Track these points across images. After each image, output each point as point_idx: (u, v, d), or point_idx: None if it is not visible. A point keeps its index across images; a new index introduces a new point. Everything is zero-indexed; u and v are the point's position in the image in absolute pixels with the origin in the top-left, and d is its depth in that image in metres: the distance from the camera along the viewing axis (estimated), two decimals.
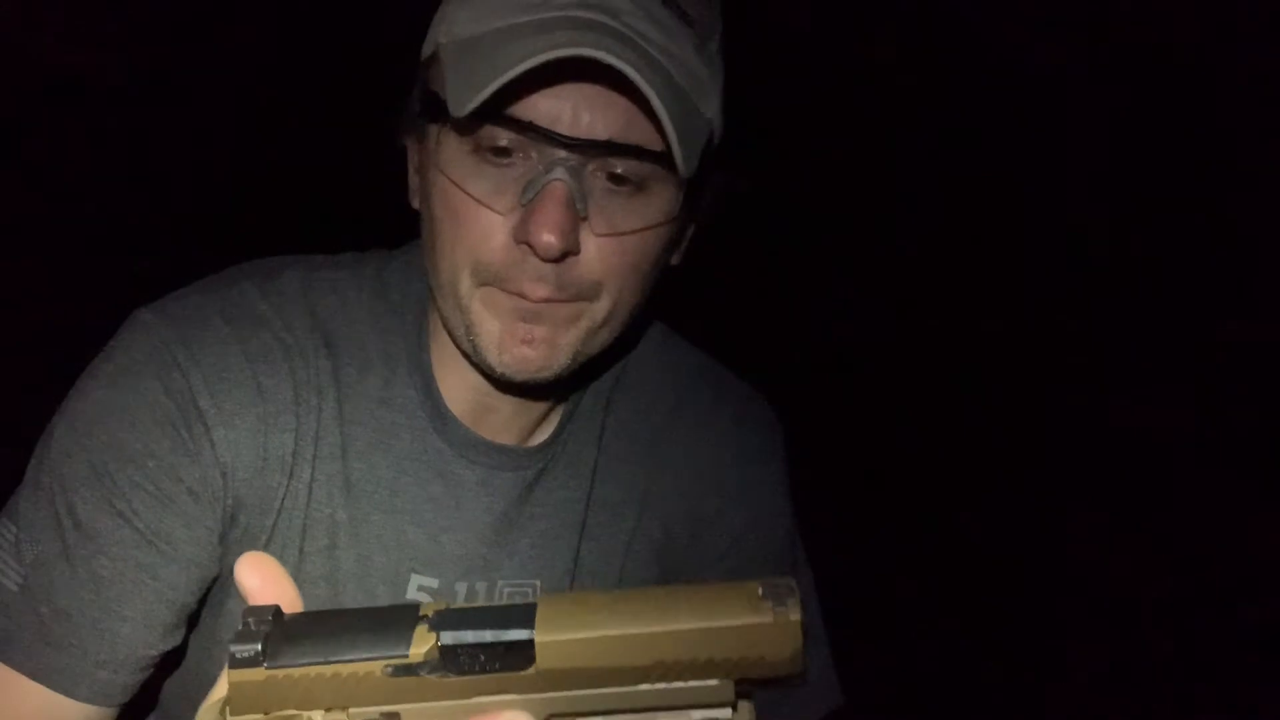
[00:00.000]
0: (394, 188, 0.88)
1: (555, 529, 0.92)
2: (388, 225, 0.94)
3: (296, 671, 0.47)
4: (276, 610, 0.49)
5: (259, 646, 0.47)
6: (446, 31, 0.79)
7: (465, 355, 0.84)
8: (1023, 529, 2.82)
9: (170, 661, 0.88)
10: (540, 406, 0.90)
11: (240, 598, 0.85)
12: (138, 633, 0.81)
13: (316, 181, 2.88)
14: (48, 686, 0.80)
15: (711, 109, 0.80)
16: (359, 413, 0.87)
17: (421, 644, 0.46)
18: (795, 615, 0.45)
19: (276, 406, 0.84)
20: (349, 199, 2.35)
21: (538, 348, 0.79)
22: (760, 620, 0.45)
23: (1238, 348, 2.90)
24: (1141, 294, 3.07)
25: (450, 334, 0.84)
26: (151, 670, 0.85)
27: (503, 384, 0.84)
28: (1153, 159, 3.06)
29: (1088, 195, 3.18)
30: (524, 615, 0.46)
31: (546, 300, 0.77)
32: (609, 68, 0.71)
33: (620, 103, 0.75)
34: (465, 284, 0.79)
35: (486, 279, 0.78)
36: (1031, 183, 3.23)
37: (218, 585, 0.87)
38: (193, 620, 0.87)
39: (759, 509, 0.99)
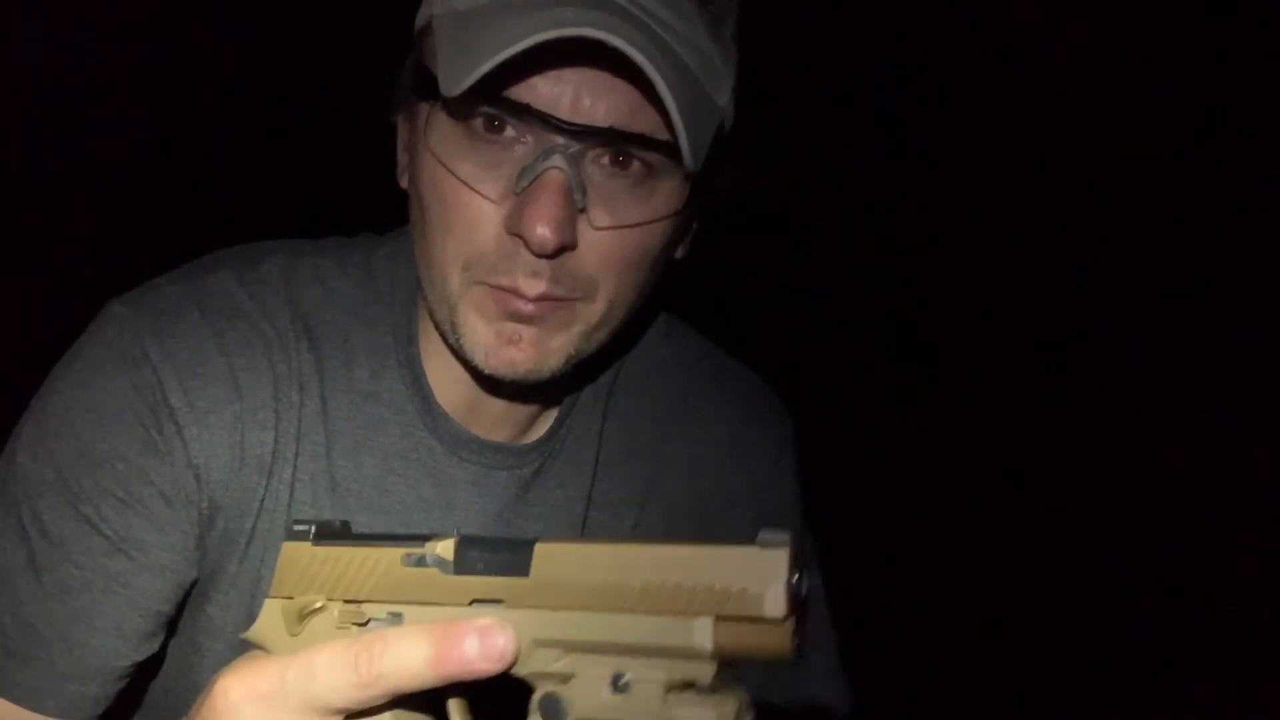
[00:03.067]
0: (384, 168, 0.83)
1: (554, 530, 0.87)
2: (377, 206, 0.90)
3: (334, 551, 0.53)
4: (344, 521, 0.55)
5: (312, 526, 0.53)
6: (442, 3, 0.74)
7: (452, 350, 0.80)
8: (1024, 530, 2.80)
9: (154, 666, 0.84)
10: (536, 402, 0.85)
11: (222, 603, 0.82)
12: (109, 643, 0.77)
13: (308, 164, 2.85)
14: (12, 702, 0.76)
15: (724, 96, 0.75)
16: (344, 408, 0.82)
17: (438, 543, 0.51)
18: (781, 550, 0.44)
19: (254, 403, 0.79)
20: (339, 180, 2.32)
21: (525, 350, 0.74)
22: (743, 549, 0.45)
23: (1239, 348, 2.89)
24: (1143, 294, 3.06)
25: (436, 326, 0.80)
26: (128, 680, 0.81)
27: (492, 382, 0.79)
28: (1155, 160, 3.05)
29: (1090, 196, 3.17)
30: (532, 539, 0.50)
31: (541, 297, 0.72)
32: (615, 50, 0.66)
33: (625, 88, 0.70)
34: (455, 280, 0.74)
35: (477, 275, 0.73)
36: (1033, 183, 3.22)
37: (197, 590, 0.83)
38: (172, 626, 0.83)
39: (766, 508, 0.95)
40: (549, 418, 0.87)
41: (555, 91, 0.70)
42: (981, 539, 2.77)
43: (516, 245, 0.72)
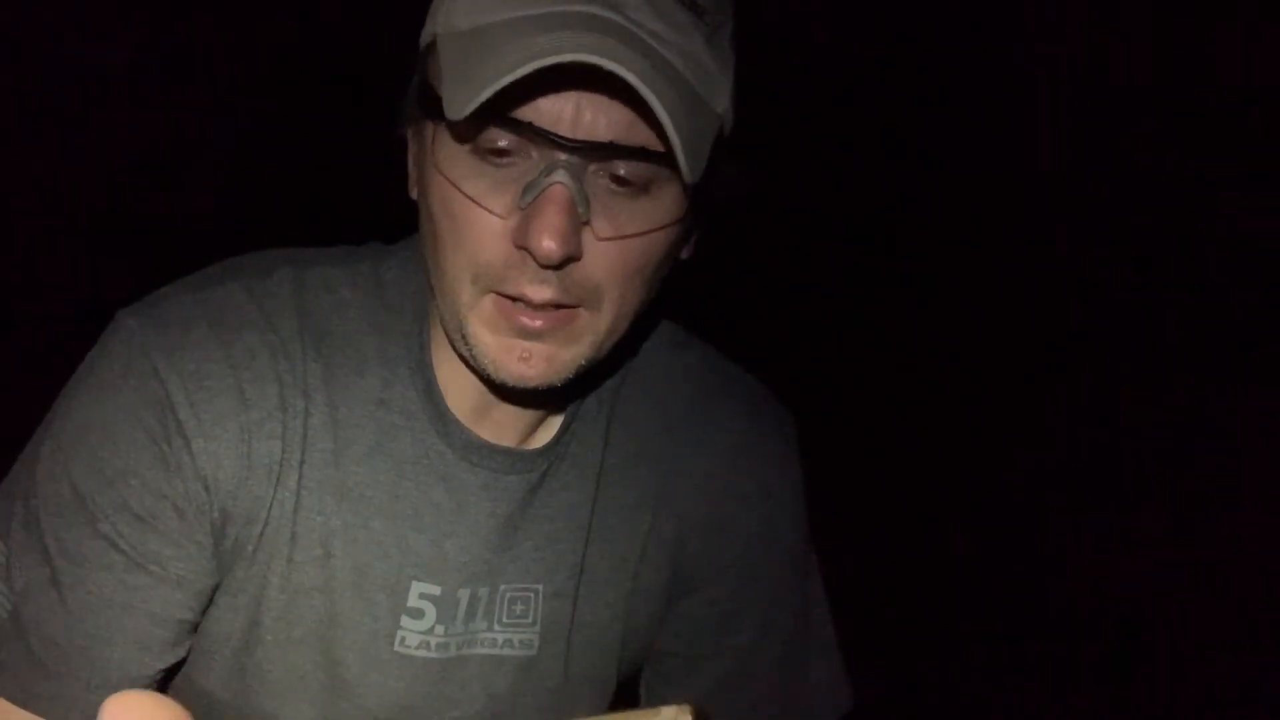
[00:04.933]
0: (394, 174, 0.84)
1: (559, 532, 0.89)
2: (387, 211, 0.91)
3: None
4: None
5: None
6: (444, 21, 0.76)
7: (462, 358, 0.81)
8: (1024, 530, 2.81)
9: (173, 669, 0.86)
10: (542, 408, 0.87)
11: (228, 607, 0.84)
12: (131, 655, 0.79)
13: (320, 171, 2.86)
14: (39, 715, 0.79)
15: (722, 103, 0.77)
16: (356, 416, 0.84)
17: None
18: None
19: (261, 413, 0.81)
20: (350, 187, 2.32)
21: (536, 365, 0.76)
22: None
23: (1242, 348, 2.90)
24: (1144, 297, 3.07)
25: (447, 335, 0.81)
26: (154, 687, 0.83)
27: (502, 389, 0.81)
28: (1155, 162, 3.06)
29: (1088, 198, 3.17)
30: None
31: (549, 303, 0.74)
32: (613, 72, 0.68)
33: (624, 101, 0.72)
34: (467, 292, 0.76)
35: (487, 285, 0.75)
36: (1033, 184, 3.22)
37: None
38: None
39: (773, 513, 0.96)
40: (555, 423, 0.89)
41: (557, 108, 0.72)
42: (982, 539, 2.78)
43: (524, 257, 0.74)
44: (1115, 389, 3.03)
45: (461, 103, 0.69)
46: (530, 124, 0.71)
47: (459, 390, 0.85)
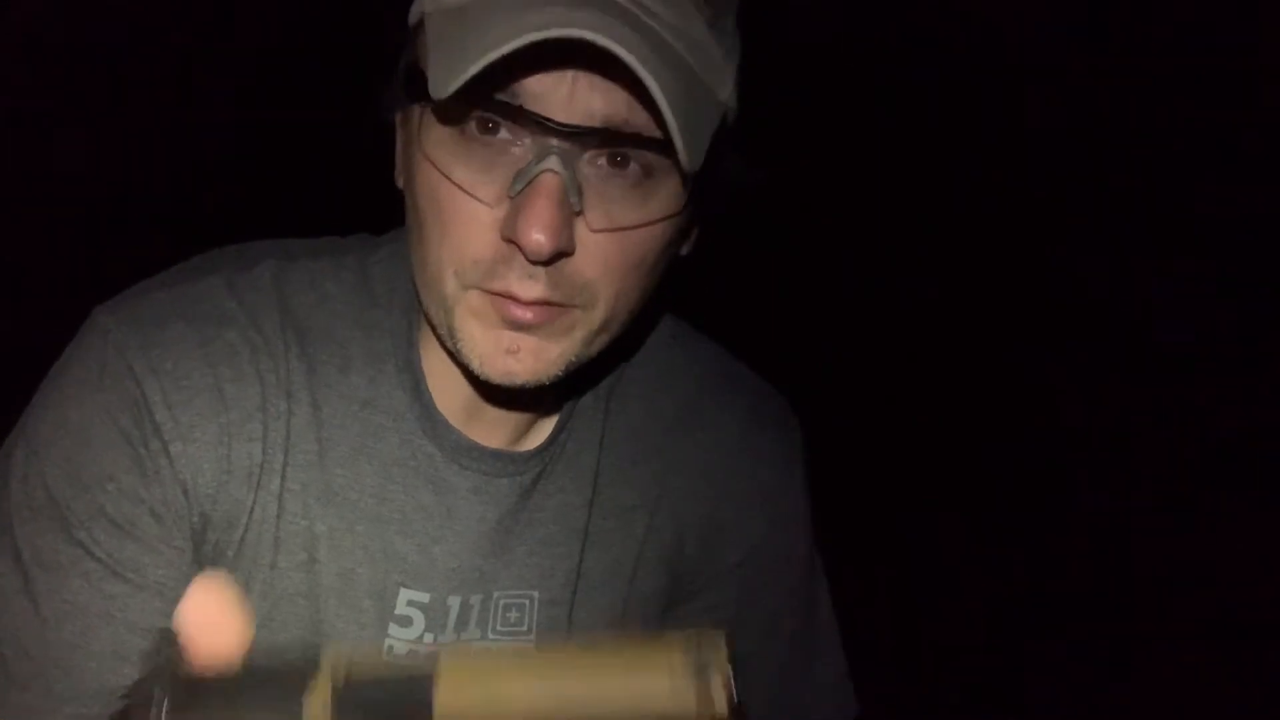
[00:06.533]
0: (381, 164, 0.81)
1: (554, 536, 0.86)
2: (374, 204, 0.88)
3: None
4: (174, 675, 0.48)
5: (162, 710, 0.46)
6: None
7: (449, 354, 0.78)
8: (1030, 531, 2.80)
9: None
10: (535, 408, 0.84)
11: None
12: (107, 665, 0.76)
13: (304, 160, 2.84)
14: None
15: (725, 90, 0.73)
16: (340, 415, 0.80)
17: (317, 701, 0.45)
18: (720, 683, 0.41)
19: (241, 414, 0.77)
20: (337, 177, 2.30)
21: (524, 360, 0.73)
22: (674, 687, 0.41)
23: (1245, 347, 2.90)
24: (1147, 293, 3.06)
25: (434, 330, 0.78)
26: None
27: (490, 387, 0.77)
28: (1157, 157, 3.05)
29: (1092, 195, 3.17)
30: (423, 685, 0.44)
31: (538, 301, 0.71)
32: (607, 49, 0.64)
33: (620, 85, 0.68)
34: (451, 285, 0.72)
35: (473, 280, 0.71)
36: (1036, 182, 3.21)
37: None
38: None
39: (777, 516, 0.93)
40: (549, 424, 0.86)
41: (548, 90, 0.68)
42: (986, 541, 2.77)
43: (512, 251, 0.70)
44: (1119, 390, 3.02)
45: (446, 81, 0.65)
46: (520, 106, 0.67)
47: (448, 389, 0.81)
